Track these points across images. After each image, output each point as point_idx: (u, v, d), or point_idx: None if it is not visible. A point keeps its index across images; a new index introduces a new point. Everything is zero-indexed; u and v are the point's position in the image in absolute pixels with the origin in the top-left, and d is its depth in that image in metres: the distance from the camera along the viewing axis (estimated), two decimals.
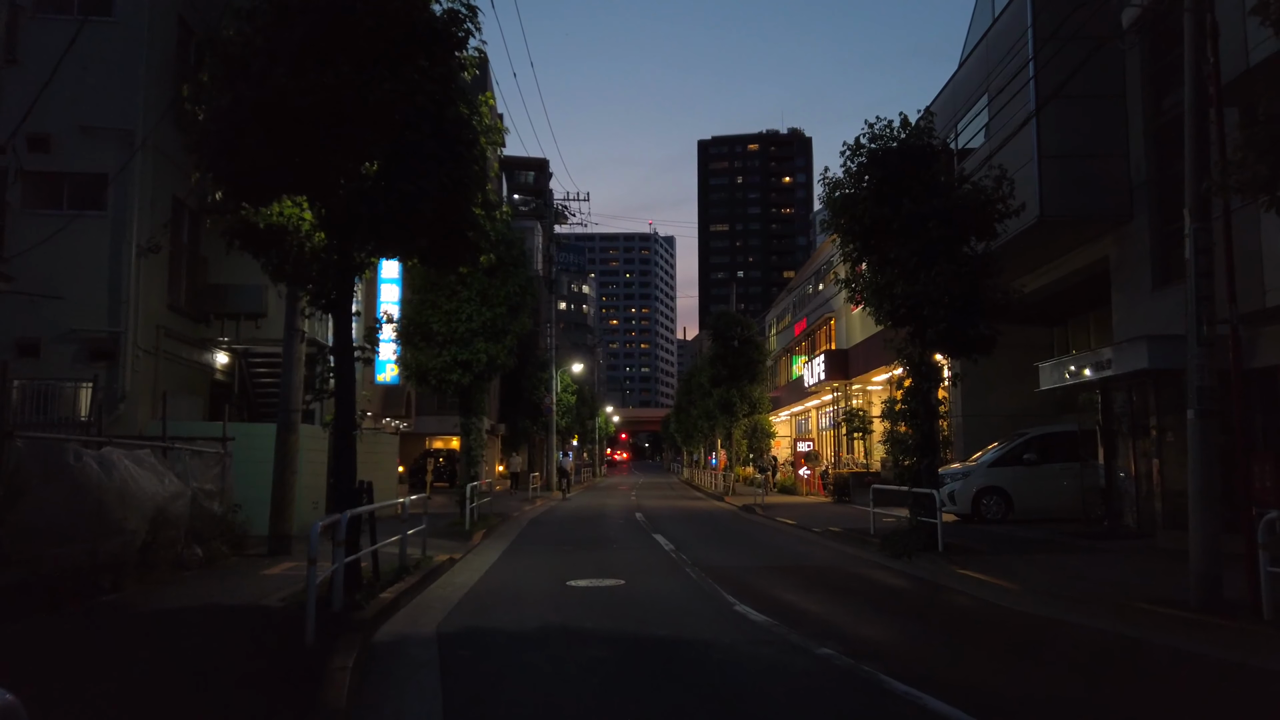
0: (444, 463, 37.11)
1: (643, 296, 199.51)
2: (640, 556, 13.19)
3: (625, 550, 14.14)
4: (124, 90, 14.52)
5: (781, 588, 9.93)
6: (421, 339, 17.90)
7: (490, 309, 17.85)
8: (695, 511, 24.92)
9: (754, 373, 33.90)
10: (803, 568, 11.93)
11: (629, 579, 10.53)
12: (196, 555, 10.57)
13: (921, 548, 12.42)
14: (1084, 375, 14.55)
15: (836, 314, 44.68)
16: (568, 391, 43.71)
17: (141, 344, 14.54)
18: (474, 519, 17.52)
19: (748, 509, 24.66)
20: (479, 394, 18.97)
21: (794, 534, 17.07)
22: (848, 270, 14.39)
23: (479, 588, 10.17)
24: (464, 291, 17.73)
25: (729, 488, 33.72)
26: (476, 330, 17.73)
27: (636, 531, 17.80)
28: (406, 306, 18.50)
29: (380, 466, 20.26)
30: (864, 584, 10.51)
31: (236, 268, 16.87)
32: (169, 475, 10.47)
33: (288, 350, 12.39)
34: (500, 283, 18.10)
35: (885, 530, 14.74)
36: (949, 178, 13.11)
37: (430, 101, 8.54)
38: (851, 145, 13.48)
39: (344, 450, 9.16)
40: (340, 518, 7.91)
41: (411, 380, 18.45)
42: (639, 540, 15.85)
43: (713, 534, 17.27)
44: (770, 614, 8.01)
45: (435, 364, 17.70)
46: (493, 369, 18.28)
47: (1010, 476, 17.36)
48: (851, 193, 13.16)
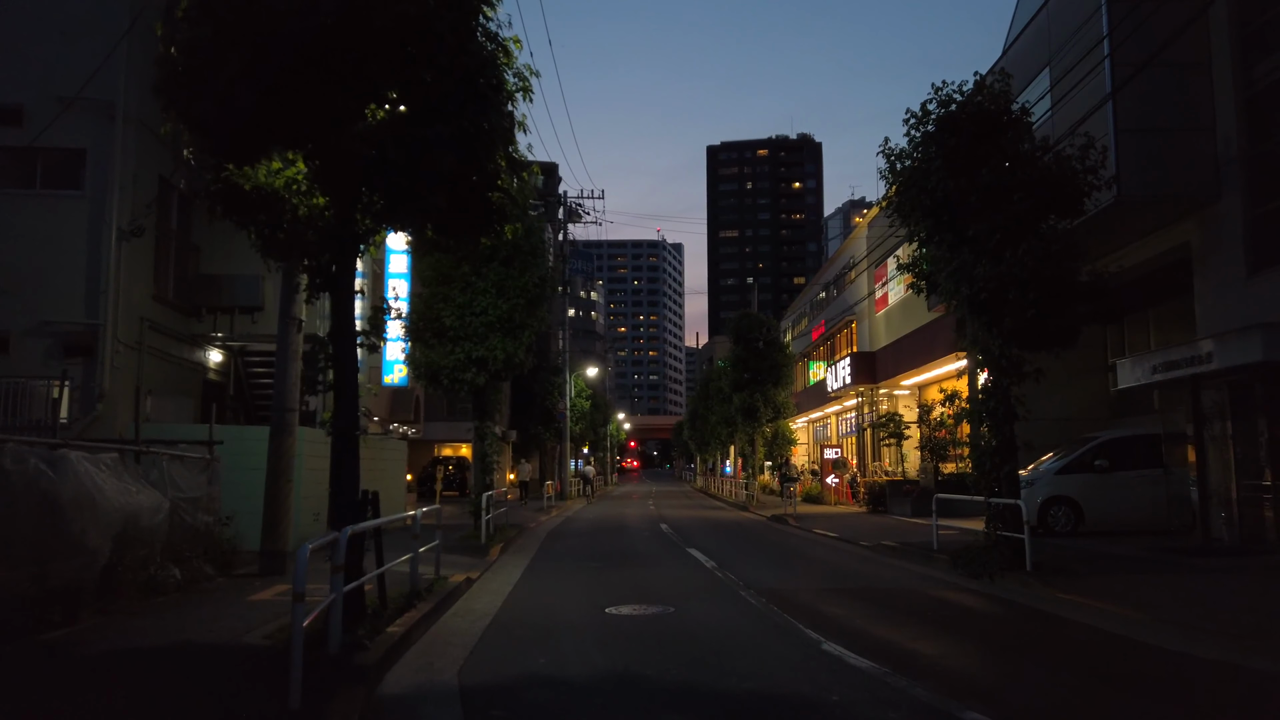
0: (454, 471, 35.61)
1: (651, 304, 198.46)
2: (681, 576, 11.64)
3: (661, 568, 12.60)
4: (104, 57, 13.08)
5: (864, 618, 8.36)
6: (432, 335, 16.40)
7: (507, 301, 16.34)
8: (722, 522, 23.34)
9: (778, 376, 32.33)
10: (873, 590, 10.36)
11: (678, 605, 8.98)
12: (173, 577, 9.06)
13: (1006, 566, 10.85)
14: (1176, 371, 12.98)
15: (858, 316, 43.17)
16: (582, 396, 42.14)
17: (123, 338, 13.08)
18: (490, 532, 15.99)
19: (778, 519, 23.09)
20: (494, 395, 17.45)
21: (842, 549, 15.49)
22: (914, 251, 12.83)
23: (504, 617, 8.64)
24: (478, 283, 16.23)
25: (751, 496, 32.13)
26: (492, 324, 16.21)
27: (667, 545, 16.24)
28: (416, 301, 17.00)
29: (387, 474, 18.77)
30: (958, 612, 8.93)
31: (231, 256, 15.42)
32: (142, 484, 8.97)
33: (282, 341, 10.90)
34: (518, 273, 16.59)
35: (950, 545, 13.16)
36: (1030, 145, 11.57)
37: (449, 31, 7.04)
38: (917, 112, 11.96)
39: (344, 454, 7.66)
40: (338, 536, 6.39)
41: (421, 380, 16.94)
42: (673, 556, 14.30)
43: (752, 548, 15.70)
44: (871, 656, 6.45)
45: (447, 362, 16.19)
46: (510, 367, 16.76)
47: (1080, 485, 15.75)
48: (919, 164, 11.63)
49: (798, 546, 16.02)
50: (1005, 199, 10.97)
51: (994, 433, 11.64)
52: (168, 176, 14.00)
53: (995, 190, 11.01)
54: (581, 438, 43.81)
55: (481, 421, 17.23)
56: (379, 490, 16.86)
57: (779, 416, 32.54)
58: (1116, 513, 15.49)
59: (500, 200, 8.17)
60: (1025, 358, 11.67)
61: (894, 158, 12.18)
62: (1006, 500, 11.41)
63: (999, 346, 11.40)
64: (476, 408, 17.25)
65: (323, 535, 6.38)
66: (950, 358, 26.48)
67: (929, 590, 10.34)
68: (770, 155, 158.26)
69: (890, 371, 32.82)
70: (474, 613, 8.89)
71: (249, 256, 14.64)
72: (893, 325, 36.52)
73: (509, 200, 8.28)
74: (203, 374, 16.11)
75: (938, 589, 10.45)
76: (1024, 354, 11.63)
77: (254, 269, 14.87)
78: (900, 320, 35.18)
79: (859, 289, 41.90)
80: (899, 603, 9.40)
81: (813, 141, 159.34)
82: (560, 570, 12.52)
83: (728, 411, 39.91)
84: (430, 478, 33.90)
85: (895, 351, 32.15)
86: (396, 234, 8.58)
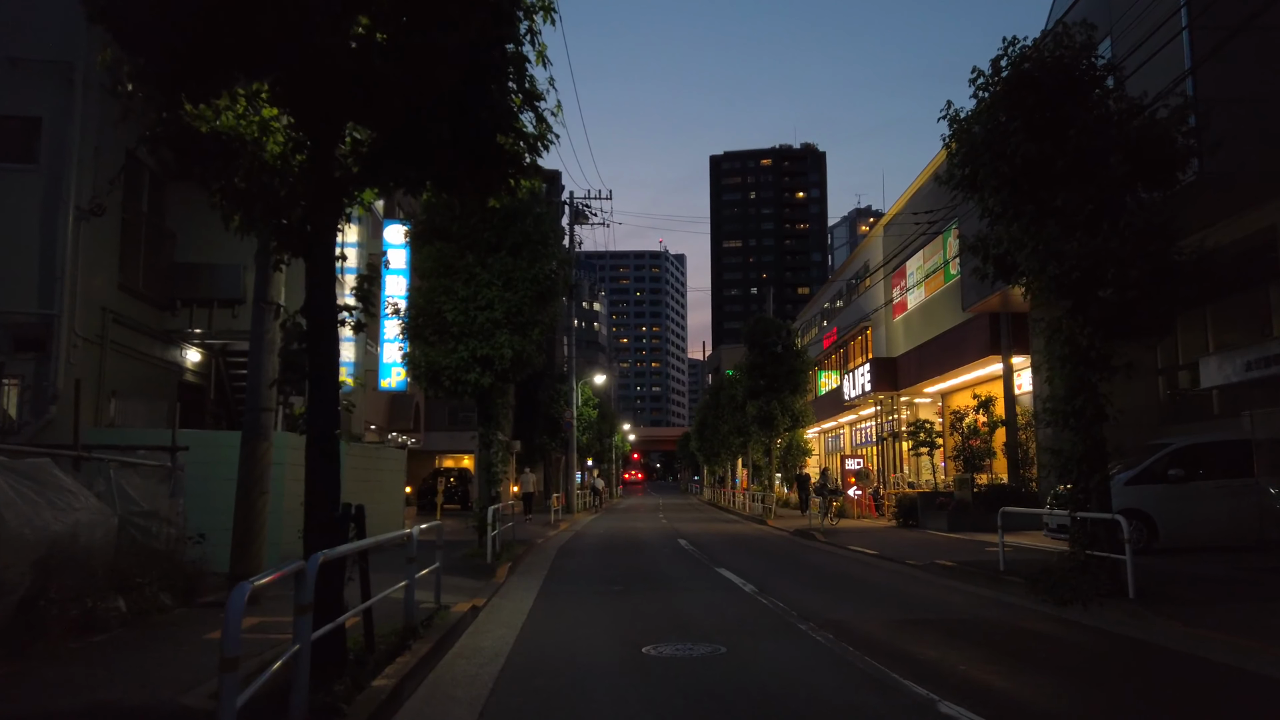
0: (455, 482, 33.99)
1: (653, 315, 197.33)
2: (720, 603, 10.04)
3: (694, 592, 11.00)
4: (63, 14, 11.59)
5: (967, 661, 6.76)
6: (433, 332, 14.86)
7: (515, 294, 14.80)
8: (744, 537, 21.71)
9: (796, 382, 30.74)
10: (955, 623, 8.76)
11: (730, 644, 7.39)
12: (117, 610, 7.47)
13: (1102, 592, 9.25)
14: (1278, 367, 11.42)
15: (874, 323, 41.62)
16: (589, 405, 40.53)
17: (82, 331, 11.53)
18: (496, 549, 14.40)
19: (804, 534, 21.46)
20: (500, 399, 15.88)
21: (889, 569, 13.87)
22: (983, 227, 11.27)
23: (519, 659, 7.04)
24: (483, 274, 14.70)
25: (768, 509, 30.48)
26: (499, 320, 14.67)
27: (693, 564, 14.63)
28: (415, 295, 15.47)
29: (383, 486, 17.19)
30: (1079, 654, 7.31)
31: (211, 244, 13.89)
32: (82, 496, 7.41)
33: (256, 329, 9.35)
34: (526, 263, 15.06)
35: (1017, 565, 11.58)
36: (1123, 105, 10.03)
37: None
38: (984, 70, 10.45)
39: (321, 461, 6.10)
40: (303, 567, 4.82)
41: (421, 382, 15.38)
42: (703, 577, 12.70)
43: (789, 568, 14.09)
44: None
45: (449, 361, 14.63)
46: (518, 367, 15.20)
47: (1153, 497, 14.13)
48: (994, 127, 10.08)
49: (838, 566, 14.40)
50: (1100, 164, 9.43)
51: (1081, 437, 10.03)
52: (136, 152, 12.47)
53: (1087, 154, 9.47)
54: (587, 448, 42.21)
55: (486, 428, 15.66)
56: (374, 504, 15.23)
57: (797, 425, 30.95)
58: (1194, 527, 13.88)
59: (512, 146, 6.64)
60: (1114, 349, 10.11)
61: (959, 123, 10.66)
62: (1099, 515, 9.81)
63: (1089, 335, 9.82)
64: (481, 413, 15.69)
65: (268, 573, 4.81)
66: (982, 361, 24.92)
67: (1021, 622, 8.73)
68: (774, 165, 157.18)
69: (913, 378, 31.26)
70: (482, 653, 7.30)
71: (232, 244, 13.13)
72: (912, 331, 34.97)
73: (527, 148, 6.73)
74: (178, 375, 14.55)
75: (1030, 620, 8.84)
76: (1113, 345, 10.07)
77: (237, 258, 13.36)
78: (921, 325, 33.63)
79: (875, 295, 40.38)
80: (997, 639, 7.79)
81: (816, 151, 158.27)
82: (579, 595, 10.91)
83: (740, 421, 38.33)
84: (431, 490, 32.24)
85: (919, 357, 30.59)
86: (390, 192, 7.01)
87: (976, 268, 11.45)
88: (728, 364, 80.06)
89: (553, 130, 6.85)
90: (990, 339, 23.72)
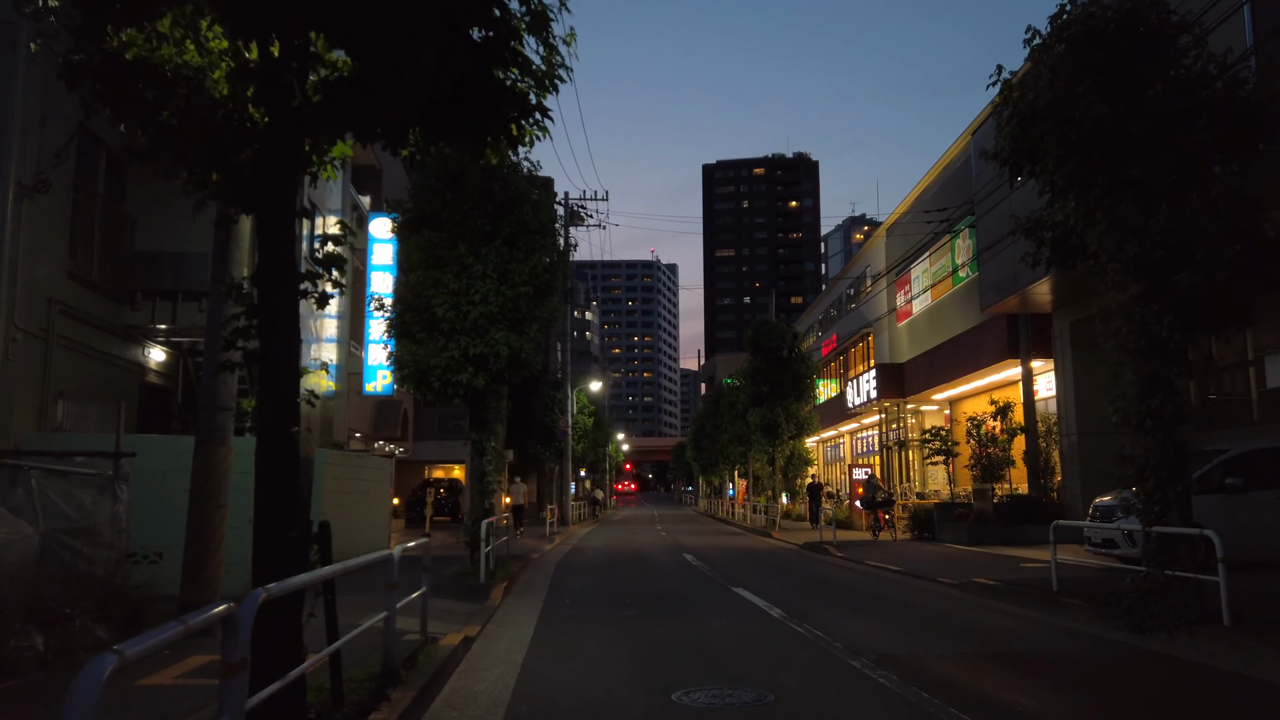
0: (446, 494, 32.59)
1: (645, 325, 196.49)
2: (749, 632, 8.77)
3: (716, 617, 9.72)
4: None
5: (1076, 714, 5.51)
6: (421, 329, 13.56)
7: (511, 288, 13.52)
8: (753, 552, 20.43)
9: (801, 389, 29.52)
10: (1037, 659, 7.50)
11: (776, 688, 6.12)
12: (32, 649, 6.15)
13: (1192, 619, 8.03)
14: None
15: (876, 329, 40.51)
16: (584, 413, 39.20)
17: (22, 323, 10.21)
18: (490, 567, 13.09)
19: (816, 548, 20.20)
20: (495, 403, 14.60)
21: (921, 587, 12.63)
22: (1048, 202, 10.07)
23: (523, 708, 5.75)
24: (477, 266, 13.42)
25: (773, 521, 29.20)
26: (494, 315, 13.39)
27: (706, 583, 13.36)
28: (402, 290, 14.17)
29: (368, 497, 15.87)
30: (1214, 705, 6.08)
31: (177, 231, 12.59)
32: None
33: (213, 314, 8.06)
34: (523, 254, 13.80)
35: (1072, 584, 10.37)
36: (1203, 64, 8.86)
37: None
38: (1047, 31, 9.29)
39: (275, 464, 4.84)
40: (235, 611, 3.54)
41: (409, 384, 14.07)
42: (721, 599, 11.42)
43: (813, 588, 12.83)
44: None
45: (439, 361, 13.34)
46: (514, 368, 13.92)
47: (1210, 509, 12.91)
48: (1058, 90, 8.90)
49: (866, 585, 13.13)
50: (1186, 128, 8.26)
51: (1158, 440, 8.80)
52: (91, 125, 11.17)
53: (1168, 118, 8.30)
54: (582, 458, 40.87)
55: (479, 434, 14.35)
56: (358, 518, 13.88)
57: (802, 433, 29.70)
58: (1256, 542, 12.68)
59: (514, 84, 5.40)
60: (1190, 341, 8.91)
61: (1017, 89, 9.47)
62: (1182, 530, 8.59)
63: (1168, 324, 8.60)
64: (473, 418, 14.38)
65: (196, 616, 3.52)
66: (998, 366, 23.75)
67: (1112, 657, 7.46)
68: (767, 174, 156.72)
69: (922, 384, 30.10)
70: (477, 701, 6.01)
71: (201, 230, 11.83)
72: (918, 337, 33.84)
73: (532, 83, 5.49)
74: (140, 375, 13.22)
75: (1121, 655, 7.58)
76: (1192, 336, 8.88)
77: (205, 246, 12.08)
78: (927, 330, 32.51)
79: (877, 301, 39.31)
80: (1097, 682, 6.53)
81: (809, 160, 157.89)
82: (587, 622, 9.62)
83: (741, 429, 37.09)
84: (420, 502, 30.89)
85: (928, 362, 29.43)
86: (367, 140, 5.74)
87: (1028, 254, 10.25)
88: (724, 372, 78.81)
89: (565, 65, 5.63)
90: (1008, 342, 22.55)
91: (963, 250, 29.54)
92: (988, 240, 21.03)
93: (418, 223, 13.82)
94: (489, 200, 13.64)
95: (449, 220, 13.58)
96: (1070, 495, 20.30)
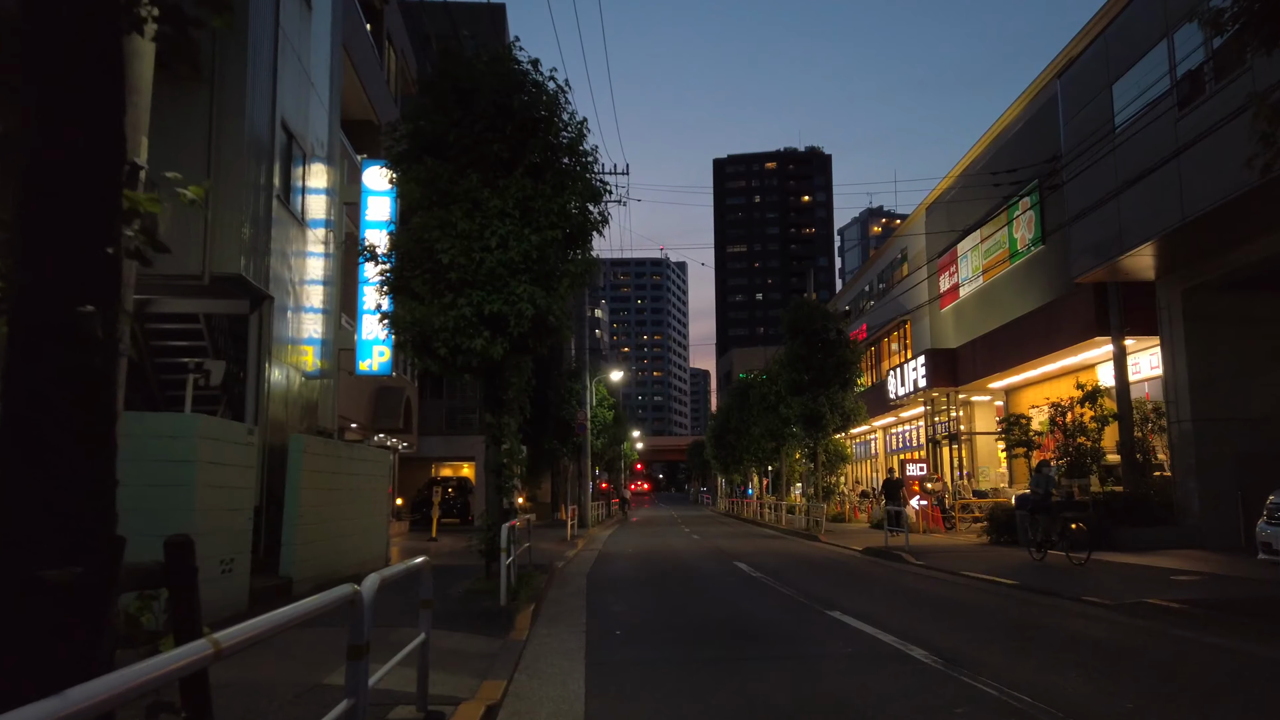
0: (454, 493, 29.80)
1: (655, 323, 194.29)
2: (905, 687, 5.88)
3: (835, 661, 6.83)
4: None
5: None
6: (423, 282, 10.72)
7: (536, 231, 10.68)
8: (812, 560, 17.52)
9: (846, 376, 26.61)
10: None
11: None
12: None
13: None
14: None
15: (914, 317, 37.64)
16: (603, 405, 36.29)
17: None
18: (511, 582, 10.24)
19: (885, 554, 17.31)
20: (515, 377, 11.72)
21: (1070, 609, 9.71)
22: None
23: None
24: (493, 202, 10.57)
25: (817, 523, 26.31)
26: (514, 265, 10.54)
27: (785, 603, 10.47)
28: (400, 236, 11.31)
29: (361, 495, 13.04)
30: None
31: None
32: None
33: None
34: (551, 189, 10.97)
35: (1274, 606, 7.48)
36: None
37: None
38: None
39: (39, 398, 1.95)
40: None
41: (407, 350, 11.22)
42: (823, 628, 8.55)
43: (930, 611, 9.93)
44: None
45: (445, 321, 10.48)
46: (540, 334, 11.08)
47: None
48: None
49: (995, 606, 10.20)
50: None
51: None
52: None
53: None
54: (599, 455, 38.00)
55: (496, 416, 11.50)
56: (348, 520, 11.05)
57: (848, 424, 26.78)
58: None
59: None
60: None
61: None
62: None
63: None
64: (488, 396, 11.54)
65: None
66: (1082, 345, 20.74)
67: None
68: (778, 168, 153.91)
69: (979, 370, 27.16)
70: None
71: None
72: (965, 321, 30.91)
73: None
74: None
75: None
76: None
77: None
78: (978, 314, 29.58)
79: (915, 285, 36.48)
80: None
81: (821, 154, 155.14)
82: (657, 669, 6.73)
83: (772, 423, 34.25)
84: (426, 502, 28.15)
85: (987, 346, 26.47)
86: None
87: (1265, 134, 7.33)
88: (740, 367, 75.95)
89: None
90: (1096, 316, 19.59)
91: (1022, 224, 26.65)
92: (1080, 199, 18.13)
93: (417, 149, 10.99)
94: (507, 119, 10.80)
95: (457, 144, 10.74)
96: (1183, 492, 17.38)
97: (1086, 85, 18.17)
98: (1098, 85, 17.63)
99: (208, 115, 9.92)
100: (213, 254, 9.82)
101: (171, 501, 7.62)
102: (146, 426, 7.75)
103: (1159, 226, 15.20)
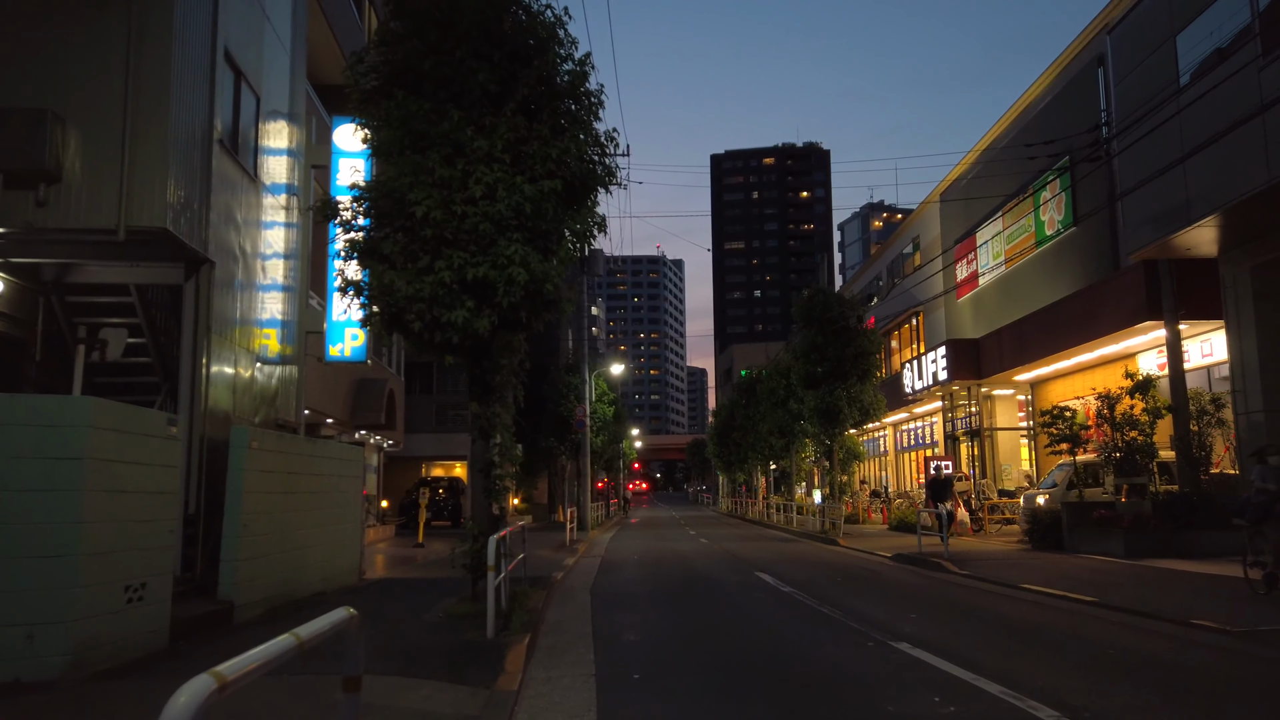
0: (444, 494, 27.91)
1: (651, 321, 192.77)
2: None
3: None
4: None
5: None
6: (394, 243, 8.83)
7: (530, 181, 8.79)
8: (842, 568, 15.66)
9: (865, 368, 24.77)
10: None
11: None
12: None
13: None
14: None
15: (926, 308, 35.87)
16: (604, 401, 34.37)
17: None
18: (502, 607, 8.36)
19: (921, 561, 15.47)
20: (506, 357, 9.83)
21: (1181, 636, 7.87)
22: None
23: None
24: (478, 142, 8.67)
25: (834, 524, 24.47)
26: (504, 220, 8.64)
27: (834, 630, 8.61)
28: (372, 190, 9.40)
29: (327, 500, 11.15)
30: None
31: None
32: None
33: None
34: (549, 131, 9.09)
35: None
36: None
37: None
38: None
39: None
40: None
41: (375, 325, 9.34)
42: (896, 667, 6.69)
43: (1010, 640, 8.08)
44: None
45: (420, 288, 8.57)
46: (535, 305, 9.18)
47: None
48: None
49: (1088, 633, 8.34)
50: None
51: None
52: None
53: None
54: (599, 454, 36.13)
55: (483, 405, 9.59)
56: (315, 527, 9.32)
57: (867, 418, 24.93)
58: None
59: None
60: None
61: None
62: None
63: None
64: (474, 379, 9.63)
65: None
66: (1128, 330, 18.92)
67: None
68: (777, 164, 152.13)
69: (1006, 362, 25.35)
70: None
71: (36, 67, 7.30)
72: (986, 311, 29.13)
73: None
74: None
75: None
76: None
77: (42, 96, 7.42)
78: (999, 303, 27.80)
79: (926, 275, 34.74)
80: None
81: (820, 150, 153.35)
82: None
83: (781, 418, 32.42)
84: (414, 505, 26.27)
85: (1016, 334, 24.64)
86: None
87: None
88: (741, 363, 74.04)
89: None
90: (1147, 299, 17.75)
91: (1050, 206, 24.84)
92: (1135, 169, 16.31)
93: (388, 82, 9.10)
94: (495, 45, 8.92)
95: (435, 74, 8.86)
96: (1246, 489, 15.57)
97: (1144, 38, 16.33)
98: (1158, 37, 15.79)
99: (125, 33, 8.02)
100: (131, 203, 7.93)
101: (47, 512, 5.75)
102: (16, 413, 5.87)
103: (1238, 190, 13.37)
